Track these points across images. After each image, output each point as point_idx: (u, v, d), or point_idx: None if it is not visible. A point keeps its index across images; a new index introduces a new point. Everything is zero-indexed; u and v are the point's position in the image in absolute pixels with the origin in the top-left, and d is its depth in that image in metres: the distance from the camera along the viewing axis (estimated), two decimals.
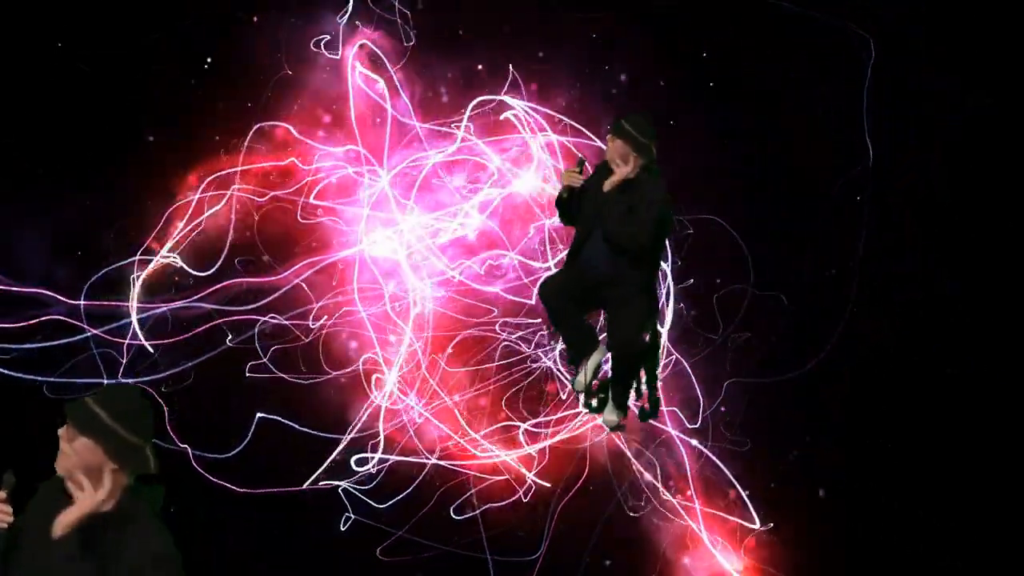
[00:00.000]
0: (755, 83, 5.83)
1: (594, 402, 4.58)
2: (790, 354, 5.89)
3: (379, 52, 5.88)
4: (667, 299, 5.94)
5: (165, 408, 5.57)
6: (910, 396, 5.81)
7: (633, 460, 5.99)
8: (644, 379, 4.58)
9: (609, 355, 4.44)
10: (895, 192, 5.75)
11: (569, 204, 4.30)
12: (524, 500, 5.95)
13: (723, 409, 5.98)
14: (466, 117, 5.94)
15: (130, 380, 5.53)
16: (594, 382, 4.47)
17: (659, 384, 4.70)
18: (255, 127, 5.74)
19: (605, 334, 4.51)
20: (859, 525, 5.84)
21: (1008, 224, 5.67)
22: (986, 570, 5.70)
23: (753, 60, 5.77)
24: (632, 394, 4.58)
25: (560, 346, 5.95)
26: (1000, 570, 5.69)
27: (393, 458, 5.87)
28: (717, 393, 6.00)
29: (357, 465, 5.83)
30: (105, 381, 5.53)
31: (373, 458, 5.84)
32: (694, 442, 6.02)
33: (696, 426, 6.00)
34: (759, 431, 5.95)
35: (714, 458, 5.98)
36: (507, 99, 5.95)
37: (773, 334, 5.92)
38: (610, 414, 4.53)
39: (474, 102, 5.95)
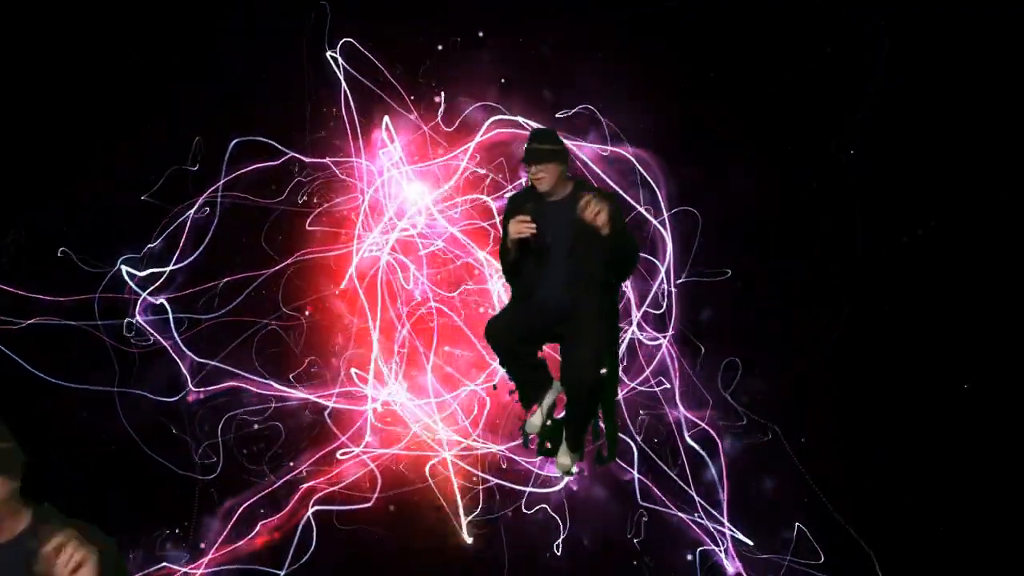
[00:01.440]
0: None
1: (548, 445, 4.28)
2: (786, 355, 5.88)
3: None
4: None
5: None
6: (909, 397, 5.79)
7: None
8: (601, 417, 4.26)
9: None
10: (893, 190, 5.70)
11: (517, 259, 3.92)
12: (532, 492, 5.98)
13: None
14: (479, 135, 5.89)
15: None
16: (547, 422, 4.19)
17: (617, 422, 4.38)
18: (233, 140, 5.72)
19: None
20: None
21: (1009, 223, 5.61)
22: (987, 570, 5.68)
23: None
24: (588, 435, 4.27)
25: None
26: (1001, 570, 5.67)
27: (390, 451, 5.89)
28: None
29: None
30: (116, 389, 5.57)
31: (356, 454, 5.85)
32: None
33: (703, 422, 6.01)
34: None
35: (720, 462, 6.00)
36: (521, 119, 5.87)
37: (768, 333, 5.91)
38: (564, 457, 4.23)
39: (490, 120, 5.89)
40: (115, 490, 5.43)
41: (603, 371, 3.95)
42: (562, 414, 4.23)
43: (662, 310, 5.95)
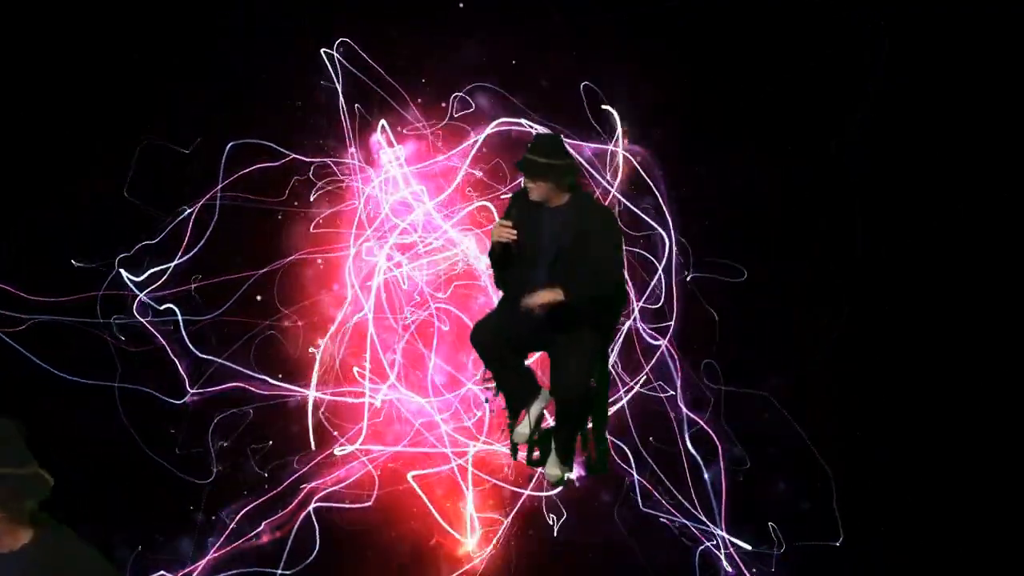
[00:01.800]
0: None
1: (536, 454, 4.20)
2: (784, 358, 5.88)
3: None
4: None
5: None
6: (909, 397, 5.79)
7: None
8: (591, 426, 4.16)
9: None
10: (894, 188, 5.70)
11: (503, 259, 3.79)
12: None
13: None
14: (483, 136, 5.88)
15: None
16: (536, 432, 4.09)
17: (607, 432, 4.30)
18: (230, 144, 5.69)
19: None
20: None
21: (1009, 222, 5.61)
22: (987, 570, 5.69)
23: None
24: (578, 444, 4.17)
25: None
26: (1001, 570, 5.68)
27: (390, 450, 5.89)
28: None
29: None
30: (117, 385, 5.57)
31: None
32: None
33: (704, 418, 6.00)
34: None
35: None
36: (525, 121, 5.84)
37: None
38: (553, 468, 4.14)
39: (494, 123, 5.87)
40: (115, 490, 5.44)
41: (592, 380, 3.85)
42: (551, 423, 4.16)
43: (659, 303, 5.94)
